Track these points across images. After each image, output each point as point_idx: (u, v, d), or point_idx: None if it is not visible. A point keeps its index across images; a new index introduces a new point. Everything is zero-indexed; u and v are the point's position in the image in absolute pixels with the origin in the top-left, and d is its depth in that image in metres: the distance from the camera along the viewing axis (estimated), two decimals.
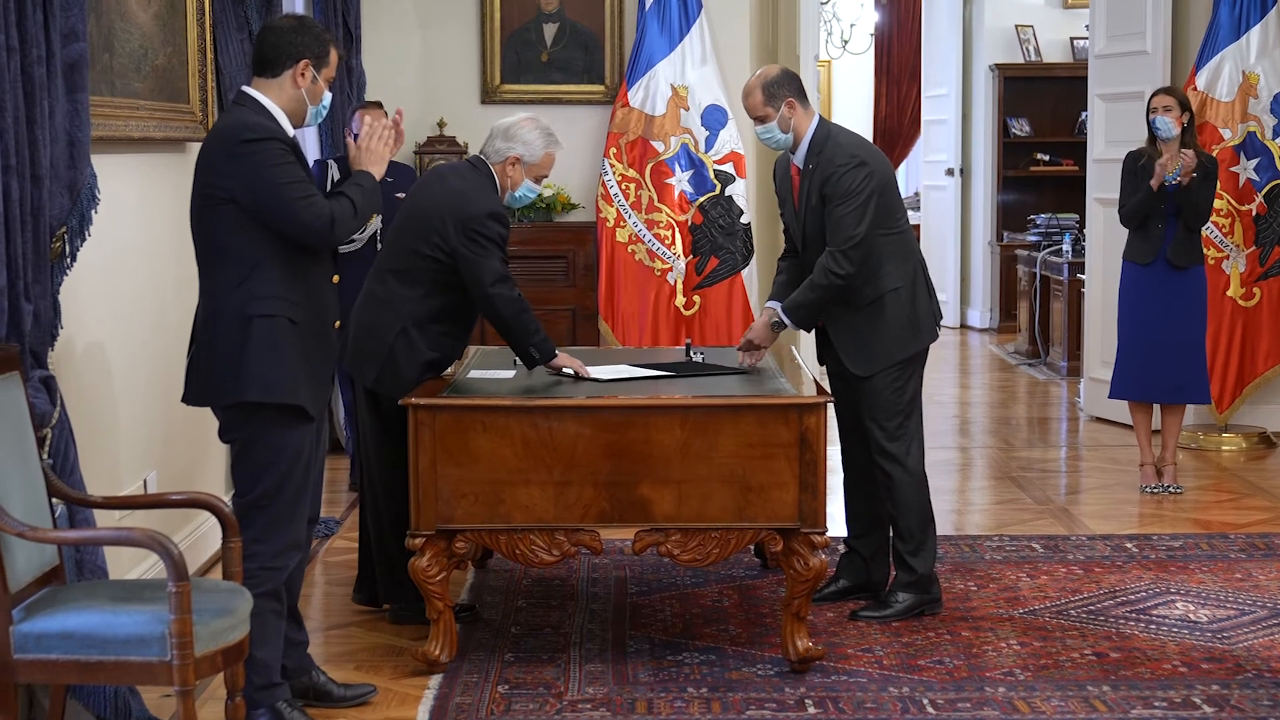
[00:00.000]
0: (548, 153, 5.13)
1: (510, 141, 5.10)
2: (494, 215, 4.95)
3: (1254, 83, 8.18)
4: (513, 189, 5.12)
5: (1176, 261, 7.00)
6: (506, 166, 5.08)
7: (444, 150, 8.51)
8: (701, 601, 5.50)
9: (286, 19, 4.25)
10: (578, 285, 8.69)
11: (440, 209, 4.97)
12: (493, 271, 4.92)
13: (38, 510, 3.71)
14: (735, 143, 8.46)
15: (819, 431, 4.63)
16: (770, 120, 5.22)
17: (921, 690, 4.60)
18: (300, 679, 4.44)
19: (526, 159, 5.09)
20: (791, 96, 5.21)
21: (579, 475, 4.63)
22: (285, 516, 4.17)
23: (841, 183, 5.12)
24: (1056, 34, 13.41)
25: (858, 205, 5.11)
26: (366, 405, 5.17)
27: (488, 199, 5.00)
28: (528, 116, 5.18)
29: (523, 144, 5.09)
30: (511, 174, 5.10)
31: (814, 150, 5.22)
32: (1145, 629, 5.17)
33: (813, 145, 5.22)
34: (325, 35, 4.22)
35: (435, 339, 5.04)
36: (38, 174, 3.87)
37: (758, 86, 5.23)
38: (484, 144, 5.18)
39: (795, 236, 5.40)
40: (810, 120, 5.26)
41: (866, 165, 5.16)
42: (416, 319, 5.00)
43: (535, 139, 5.10)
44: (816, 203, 5.20)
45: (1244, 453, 8.20)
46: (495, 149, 5.11)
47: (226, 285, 4.07)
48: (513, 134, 5.10)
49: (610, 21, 8.74)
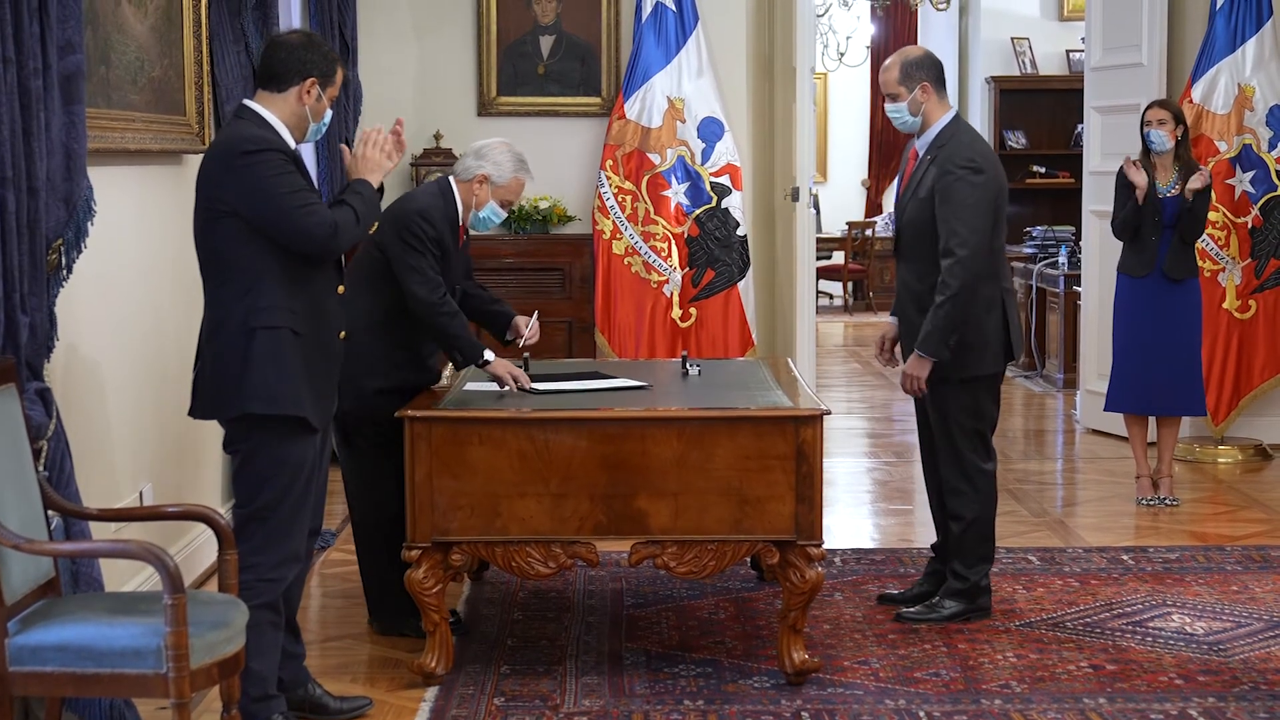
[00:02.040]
0: (516, 177, 5.14)
1: (480, 160, 5.12)
2: (422, 213, 4.99)
3: (1250, 95, 8.19)
4: (477, 208, 5.14)
5: (1171, 274, 7.02)
6: (474, 184, 5.11)
7: (440, 162, 8.52)
8: (698, 614, 5.50)
9: (295, 35, 4.26)
10: (574, 297, 8.68)
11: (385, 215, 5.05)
12: (411, 269, 4.95)
13: (33, 522, 3.70)
14: (732, 155, 8.46)
15: (815, 444, 4.63)
16: (902, 100, 5.25)
17: (918, 703, 4.59)
18: (296, 691, 4.44)
19: (494, 179, 5.11)
20: (928, 81, 5.22)
21: (575, 487, 4.63)
22: (284, 529, 4.16)
23: (956, 187, 5.12)
24: (1052, 46, 13.44)
25: (969, 212, 5.11)
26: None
27: (424, 201, 5.06)
28: (502, 140, 5.23)
29: (492, 164, 5.11)
30: (478, 193, 5.12)
31: (938, 142, 5.22)
32: (1141, 641, 5.17)
33: (939, 136, 5.23)
34: (333, 55, 4.23)
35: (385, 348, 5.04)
36: (34, 186, 3.87)
37: (897, 64, 5.26)
38: (456, 163, 5.23)
39: (896, 220, 5.45)
40: (943, 112, 5.27)
41: (983, 173, 5.15)
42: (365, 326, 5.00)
43: (505, 161, 5.12)
44: (925, 195, 5.19)
45: (1240, 465, 8.20)
46: (465, 166, 5.15)
47: (230, 298, 4.07)
48: (484, 153, 5.14)
49: (607, 33, 8.74)
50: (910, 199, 5.28)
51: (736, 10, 8.82)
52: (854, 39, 15.70)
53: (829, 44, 15.48)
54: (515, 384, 4.98)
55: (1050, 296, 11.14)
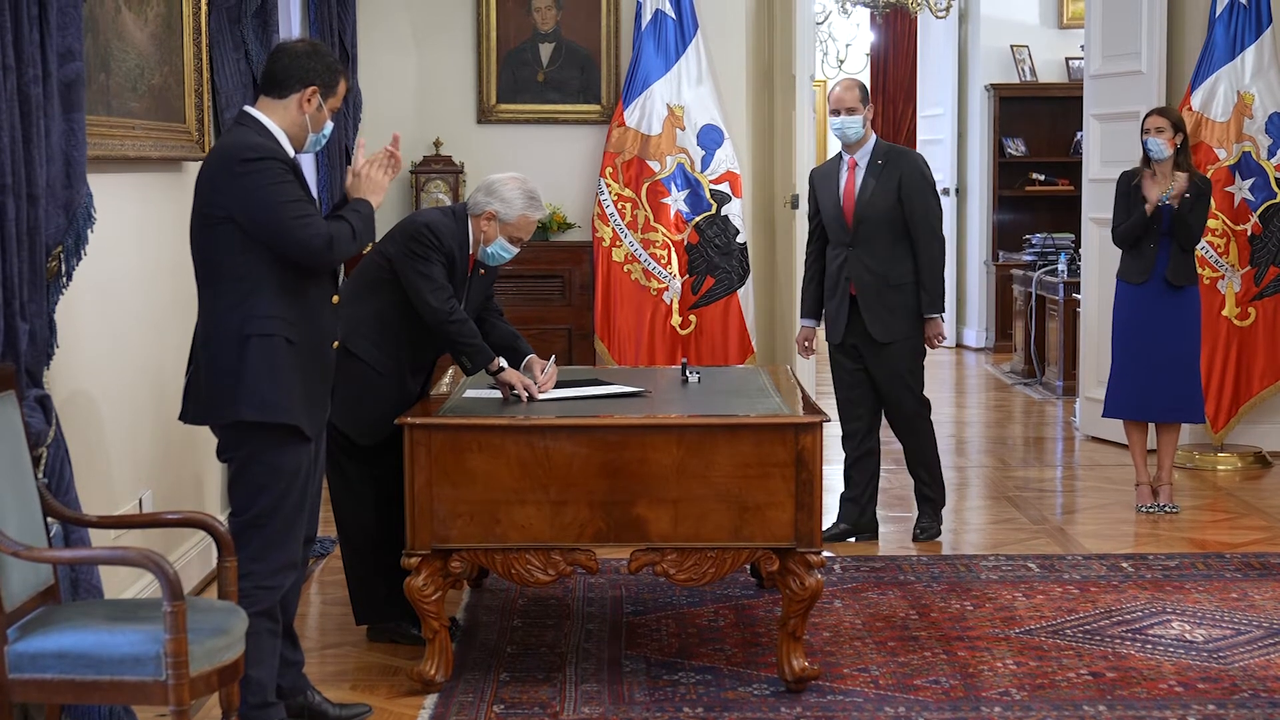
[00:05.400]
0: (524, 215, 5.13)
1: (490, 196, 5.12)
2: (430, 226, 5.02)
3: (1249, 103, 8.20)
4: (485, 244, 5.14)
5: (1171, 281, 7.02)
6: (482, 220, 5.12)
7: (440, 170, 8.52)
8: (697, 621, 5.49)
9: (301, 43, 4.26)
10: (574, 304, 8.69)
11: (395, 229, 5.14)
12: (421, 276, 4.96)
13: (33, 529, 3.70)
14: (731, 162, 8.47)
15: (815, 451, 4.63)
16: (858, 115, 6.46)
17: (917, 710, 4.59)
18: (295, 699, 4.44)
19: (502, 216, 5.10)
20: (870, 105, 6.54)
21: (575, 495, 4.63)
22: (281, 536, 4.16)
23: (923, 186, 6.50)
24: (1052, 54, 13.44)
25: (936, 204, 6.61)
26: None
27: (434, 217, 5.09)
28: (515, 176, 5.20)
29: (501, 201, 5.10)
30: (486, 229, 5.12)
31: (880, 152, 6.51)
32: (1141, 649, 5.17)
33: (877, 148, 6.53)
34: (337, 65, 4.23)
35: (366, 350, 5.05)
36: (34, 193, 3.87)
37: (855, 85, 6.51)
38: (469, 195, 5.23)
39: (837, 222, 6.54)
40: (871, 130, 6.59)
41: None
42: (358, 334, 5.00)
43: (515, 198, 5.11)
44: (883, 192, 6.44)
45: (1240, 472, 8.20)
46: (475, 201, 5.15)
47: (224, 304, 4.07)
48: (494, 189, 5.13)
49: (606, 41, 8.75)
50: (866, 199, 6.47)
51: (736, 17, 8.82)
52: (854, 46, 15.72)
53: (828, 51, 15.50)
54: (526, 393, 4.98)
55: (1050, 304, 11.14)
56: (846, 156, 6.55)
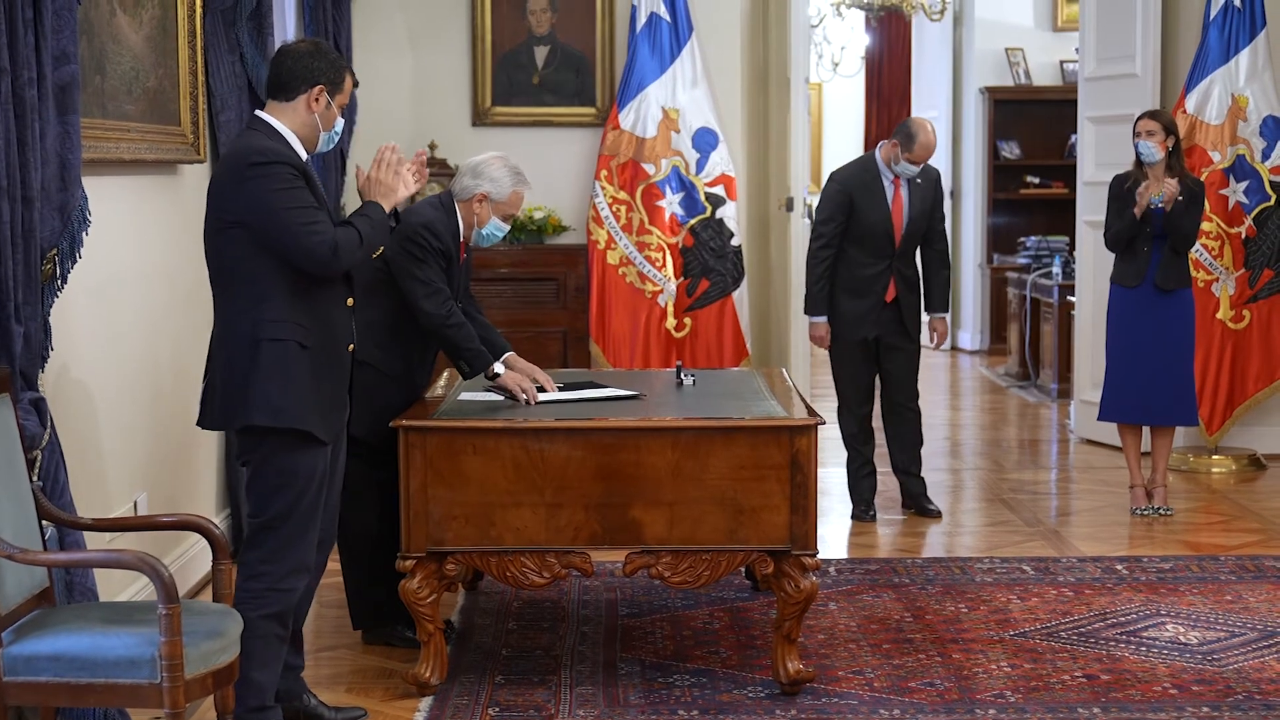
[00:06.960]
0: (515, 191, 5.14)
1: (478, 179, 5.12)
2: (427, 226, 5.00)
3: (1243, 106, 8.21)
4: (479, 226, 5.15)
5: (1164, 284, 7.02)
6: (474, 204, 5.11)
7: (435, 173, 8.52)
8: (692, 624, 5.50)
9: (303, 43, 4.25)
10: (569, 307, 8.69)
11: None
12: (418, 280, 4.95)
13: (28, 532, 3.70)
14: (726, 165, 8.48)
15: (810, 453, 4.63)
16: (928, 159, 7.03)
17: (912, 712, 4.59)
18: (292, 703, 4.43)
19: (494, 196, 5.11)
20: None
21: (570, 497, 4.63)
22: (294, 539, 4.16)
23: (941, 188, 7.23)
24: (1046, 57, 13.44)
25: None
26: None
27: (428, 214, 5.06)
28: (496, 155, 5.21)
29: (490, 181, 5.11)
30: (479, 211, 5.12)
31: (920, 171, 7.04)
32: (1136, 651, 5.17)
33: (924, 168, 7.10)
34: (340, 62, 4.23)
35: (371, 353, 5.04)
36: (29, 196, 3.87)
37: (935, 133, 7.05)
38: (453, 181, 5.22)
39: (885, 237, 6.97)
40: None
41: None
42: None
43: (503, 176, 5.12)
44: (922, 207, 7.02)
45: (1234, 475, 8.21)
46: (463, 186, 5.14)
47: (237, 309, 4.07)
48: (480, 171, 5.13)
49: (601, 44, 8.76)
50: (914, 215, 7.01)
51: (731, 20, 8.84)
52: (848, 49, 15.70)
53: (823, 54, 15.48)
54: (525, 396, 4.98)
55: (1044, 307, 11.14)
56: (889, 173, 7.00)
